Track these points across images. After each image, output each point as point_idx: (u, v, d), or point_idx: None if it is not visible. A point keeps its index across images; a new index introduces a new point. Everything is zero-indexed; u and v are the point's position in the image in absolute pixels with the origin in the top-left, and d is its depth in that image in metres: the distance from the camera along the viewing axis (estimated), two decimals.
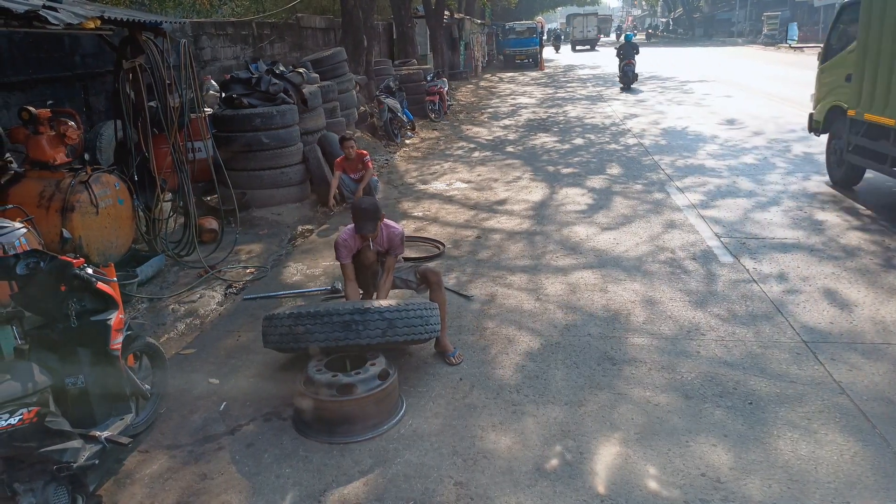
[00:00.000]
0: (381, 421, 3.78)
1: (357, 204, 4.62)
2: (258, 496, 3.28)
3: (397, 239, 4.69)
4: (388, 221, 4.72)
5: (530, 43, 35.67)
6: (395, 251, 4.71)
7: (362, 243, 4.62)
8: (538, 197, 8.82)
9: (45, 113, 5.22)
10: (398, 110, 13.40)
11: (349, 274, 4.62)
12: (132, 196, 5.66)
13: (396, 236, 4.69)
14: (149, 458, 3.64)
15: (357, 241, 4.61)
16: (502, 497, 3.18)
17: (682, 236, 6.81)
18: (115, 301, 3.43)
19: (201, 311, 5.49)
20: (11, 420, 2.69)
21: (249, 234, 7.45)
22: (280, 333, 4.12)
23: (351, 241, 4.59)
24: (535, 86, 25.05)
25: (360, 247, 4.64)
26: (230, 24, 10.87)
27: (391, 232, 4.68)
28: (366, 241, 4.59)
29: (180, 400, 4.20)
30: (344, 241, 4.60)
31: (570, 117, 16.14)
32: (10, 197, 4.91)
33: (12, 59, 6.17)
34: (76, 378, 3.18)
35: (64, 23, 4.21)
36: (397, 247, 4.71)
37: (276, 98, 8.42)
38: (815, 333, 4.63)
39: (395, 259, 4.75)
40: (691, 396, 3.93)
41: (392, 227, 4.72)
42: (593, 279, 5.81)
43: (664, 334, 4.74)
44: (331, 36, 15.55)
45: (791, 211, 7.46)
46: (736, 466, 3.30)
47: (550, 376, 4.25)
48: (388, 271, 4.70)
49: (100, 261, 4.99)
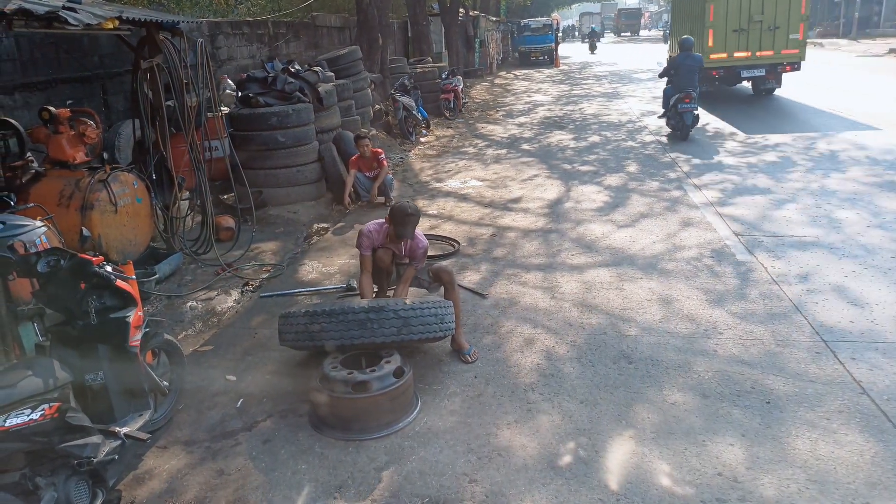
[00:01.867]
0: (396, 418, 3.79)
1: (402, 208, 4.51)
2: (274, 492, 3.30)
3: (420, 251, 4.66)
4: (419, 234, 4.70)
5: (546, 40, 35.48)
6: (416, 262, 4.69)
7: (386, 243, 4.61)
8: (553, 195, 8.79)
9: (65, 113, 5.28)
10: (413, 108, 13.41)
11: (366, 265, 4.62)
12: (150, 195, 5.71)
13: (420, 249, 4.66)
14: (167, 453, 3.68)
15: (382, 238, 4.59)
16: (517, 495, 3.18)
17: (699, 234, 6.76)
18: (134, 298, 3.47)
19: (218, 309, 5.54)
20: (33, 415, 2.73)
21: (266, 232, 7.50)
22: (296, 331, 4.16)
23: (376, 235, 4.58)
24: (550, 83, 24.96)
25: (382, 244, 4.63)
26: (246, 23, 10.93)
27: (417, 243, 4.65)
28: (394, 242, 4.58)
29: (198, 396, 4.24)
30: (369, 232, 4.59)
31: (587, 114, 16.06)
32: (31, 195, 4.97)
33: (33, 59, 6.25)
34: (96, 374, 3.22)
35: (83, 23, 4.25)
36: (419, 259, 4.68)
37: (291, 97, 8.47)
38: (834, 332, 4.58)
39: (415, 270, 4.72)
40: (708, 395, 3.91)
41: (419, 238, 4.68)
42: (609, 277, 5.78)
43: (681, 333, 4.71)
44: (346, 34, 15.58)
45: (810, 209, 7.37)
46: (753, 466, 3.28)
47: (565, 375, 4.24)
48: (405, 281, 4.68)
49: (119, 259, 5.04)
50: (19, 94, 6.08)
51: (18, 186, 5.05)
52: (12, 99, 6.01)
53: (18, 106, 6.04)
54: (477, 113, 17.69)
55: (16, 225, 3.50)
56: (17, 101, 6.06)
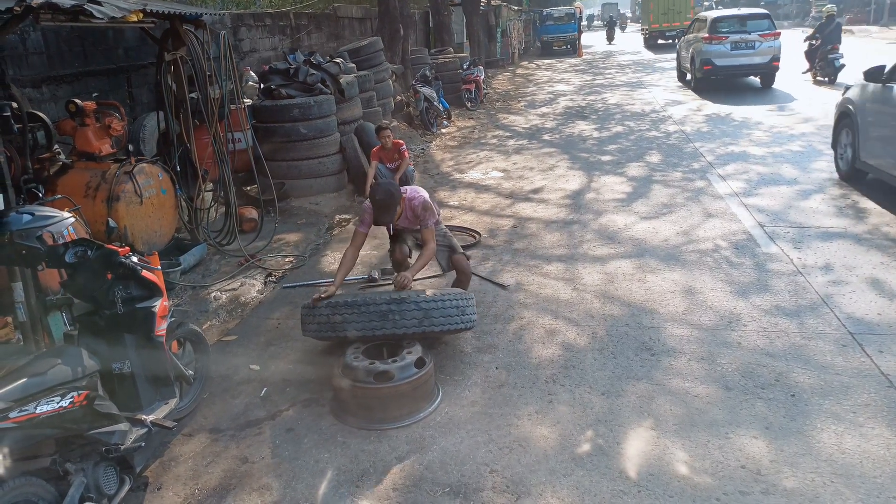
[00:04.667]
0: (417, 408, 3.81)
1: (370, 195, 4.38)
2: (297, 480, 3.34)
3: (419, 208, 4.44)
4: (409, 193, 4.46)
5: (568, 29, 35.13)
6: (425, 221, 4.47)
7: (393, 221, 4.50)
8: (575, 185, 8.74)
9: (91, 105, 5.35)
10: (434, 99, 13.38)
11: (356, 241, 4.47)
12: (175, 186, 5.77)
13: (418, 205, 4.43)
14: (192, 441, 3.74)
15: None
16: (538, 485, 3.18)
17: (723, 225, 6.68)
18: (160, 289, 3.52)
19: (242, 299, 5.60)
20: (63, 402, 2.79)
21: (288, 223, 7.55)
22: (318, 322, 4.19)
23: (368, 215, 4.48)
24: (573, 73, 24.75)
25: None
26: (268, 15, 10.97)
27: (412, 204, 4.43)
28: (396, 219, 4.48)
29: (222, 385, 4.30)
30: (367, 207, 4.48)
31: (609, 104, 15.91)
32: (59, 187, 5.05)
33: (60, 53, 6.34)
34: (122, 363, 3.27)
35: (108, 16, 4.30)
36: (425, 216, 4.45)
37: (313, 88, 8.49)
38: (861, 324, 4.51)
39: (431, 230, 4.50)
40: (731, 388, 3.87)
41: (412, 198, 4.45)
42: (631, 269, 5.74)
43: (704, 325, 4.67)
44: (367, 25, 15.58)
45: (836, 199, 7.25)
46: (777, 459, 3.24)
47: (587, 366, 4.23)
48: (425, 246, 4.50)
49: (144, 249, 5.11)
50: (46, 87, 6.18)
51: (46, 178, 5.14)
52: (40, 92, 6.10)
53: (46, 99, 6.14)
54: (498, 103, 17.61)
55: (44, 216, 3.55)
56: (45, 94, 6.16)
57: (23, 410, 2.65)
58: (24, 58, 5.95)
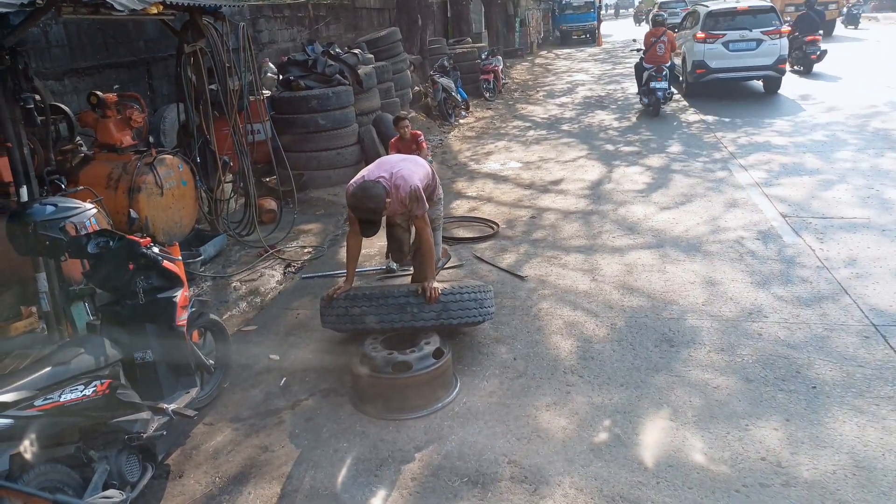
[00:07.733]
0: (435, 398, 3.82)
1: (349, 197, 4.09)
2: (317, 469, 3.37)
3: (407, 197, 4.12)
4: (397, 181, 4.13)
5: (587, 18, 34.76)
6: (415, 210, 4.19)
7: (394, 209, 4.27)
8: (594, 176, 8.68)
9: (112, 97, 5.40)
10: (452, 90, 13.34)
11: (355, 228, 4.22)
12: (195, 177, 5.82)
13: (406, 195, 4.11)
14: (213, 430, 3.78)
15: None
16: (556, 476, 3.18)
17: (744, 215, 6.61)
18: (181, 279, 3.56)
19: (262, 290, 5.64)
20: (86, 391, 2.83)
21: (307, 214, 7.59)
22: (337, 314, 4.22)
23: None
24: (592, 62, 24.52)
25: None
26: (287, 6, 10.99)
27: (400, 194, 4.12)
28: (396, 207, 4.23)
29: (242, 375, 4.34)
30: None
31: (629, 94, 15.73)
32: (81, 179, 5.12)
33: (81, 45, 6.40)
34: (144, 352, 3.32)
35: (128, 9, 4.33)
36: (414, 204, 4.15)
37: (331, 80, 8.50)
38: (885, 316, 4.44)
39: (424, 219, 4.25)
40: (752, 379, 3.84)
41: (401, 186, 4.12)
42: (651, 259, 5.70)
43: (724, 316, 4.62)
44: (385, 16, 15.55)
45: (860, 189, 7.13)
46: (798, 451, 3.22)
47: (606, 357, 4.21)
48: (422, 239, 4.31)
49: (165, 240, 5.16)
50: (68, 79, 6.25)
51: (68, 170, 5.21)
52: (62, 84, 6.17)
53: (68, 91, 6.21)
54: (517, 93, 17.51)
55: (67, 207, 3.60)
56: (67, 87, 6.22)
57: (48, 399, 2.70)
58: (46, 51, 6.01)
